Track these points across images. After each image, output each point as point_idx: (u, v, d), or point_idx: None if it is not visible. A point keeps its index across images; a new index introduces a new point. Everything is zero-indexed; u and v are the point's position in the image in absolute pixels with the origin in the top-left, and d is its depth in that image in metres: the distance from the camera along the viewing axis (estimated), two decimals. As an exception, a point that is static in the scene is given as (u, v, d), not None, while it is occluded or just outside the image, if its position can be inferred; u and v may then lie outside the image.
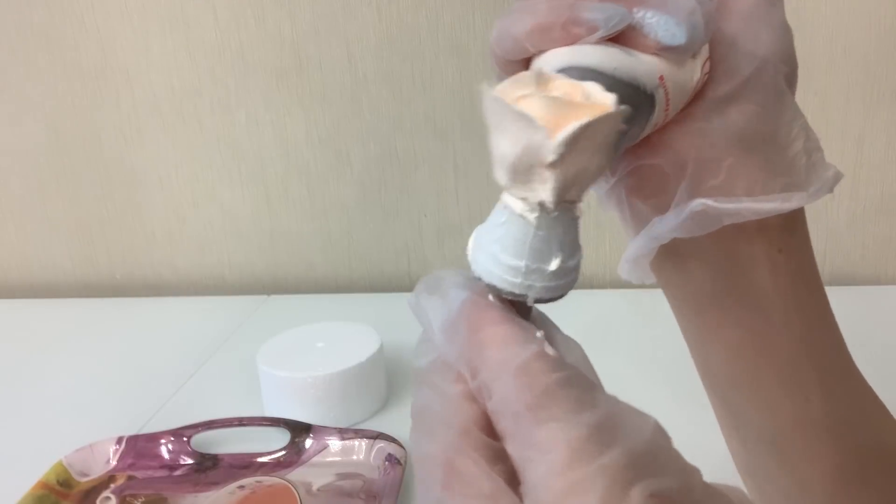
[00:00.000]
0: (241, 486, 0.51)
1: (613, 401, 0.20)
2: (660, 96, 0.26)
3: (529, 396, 0.20)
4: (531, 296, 0.22)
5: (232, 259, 0.98)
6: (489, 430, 0.21)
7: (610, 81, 0.24)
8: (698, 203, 0.28)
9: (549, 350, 0.21)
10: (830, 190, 0.29)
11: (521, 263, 0.21)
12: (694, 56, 0.27)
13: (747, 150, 0.28)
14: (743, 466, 0.36)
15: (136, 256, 1.00)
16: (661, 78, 0.26)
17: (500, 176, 0.22)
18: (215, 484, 0.56)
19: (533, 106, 0.20)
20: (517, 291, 0.22)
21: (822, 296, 0.33)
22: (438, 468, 0.20)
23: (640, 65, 0.25)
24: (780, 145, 0.29)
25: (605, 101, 0.21)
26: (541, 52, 0.26)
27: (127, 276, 1.01)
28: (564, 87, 0.22)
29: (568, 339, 0.24)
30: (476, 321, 0.22)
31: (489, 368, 0.21)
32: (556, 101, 0.20)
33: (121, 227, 0.99)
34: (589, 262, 0.92)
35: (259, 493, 0.51)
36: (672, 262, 0.32)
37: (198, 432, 0.61)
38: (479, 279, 0.23)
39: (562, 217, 0.22)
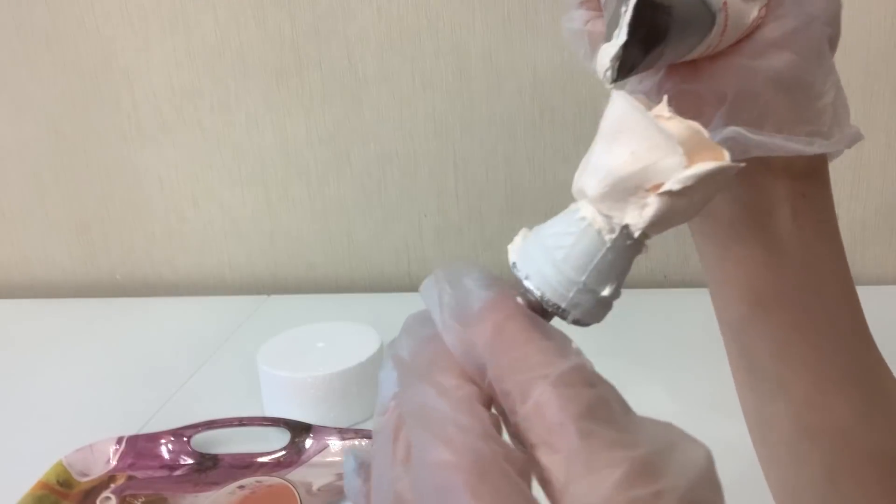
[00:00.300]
0: (241, 486, 0.51)
1: (652, 423, 0.20)
2: (720, 19, 0.28)
3: (574, 408, 0.19)
4: (573, 314, 0.21)
5: (232, 259, 0.98)
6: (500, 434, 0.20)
7: None
8: (731, 130, 0.30)
9: (588, 364, 0.20)
10: (849, 145, 0.32)
11: (581, 279, 0.21)
12: None
13: (782, 94, 0.30)
14: (751, 413, 0.37)
15: (136, 256, 1.00)
16: (725, 3, 0.28)
17: (595, 185, 0.21)
18: (215, 484, 0.56)
19: (675, 128, 0.20)
20: (563, 305, 0.21)
21: (840, 255, 0.34)
22: (462, 475, 0.19)
23: None
24: (811, 96, 0.31)
25: (724, 153, 0.21)
26: None
27: (127, 275, 1.01)
28: (685, 126, 0.21)
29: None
30: (504, 322, 0.21)
31: (523, 374, 0.20)
32: (699, 135, 0.20)
33: (121, 227, 0.99)
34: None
35: (259, 493, 0.51)
36: None
37: (198, 432, 0.61)
38: (522, 277, 0.22)
39: (634, 247, 0.21)
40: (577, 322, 0.22)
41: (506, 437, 0.21)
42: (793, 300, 0.33)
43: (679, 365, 0.68)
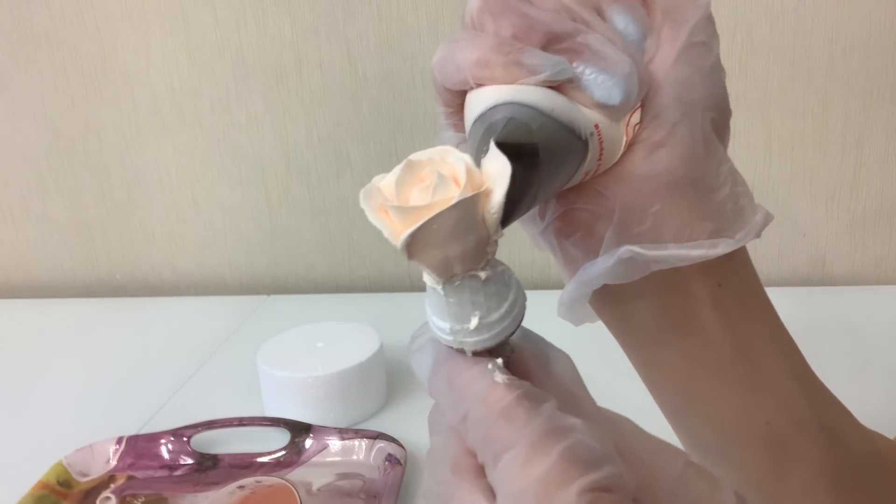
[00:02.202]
0: (241, 486, 0.51)
1: (551, 409, 0.22)
2: (593, 144, 0.27)
3: (483, 429, 0.22)
4: (467, 349, 0.24)
5: (232, 259, 0.98)
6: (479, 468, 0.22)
7: (547, 120, 0.25)
8: (626, 250, 0.28)
9: (499, 378, 0.22)
10: (758, 234, 0.30)
11: (447, 325, 0.23)
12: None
13: (674, 196, 0.28)
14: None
15: (136, 256, 1.00)
16: (597, 126, 0.27)
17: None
18: (215, 484, 0.56)
19: (388, 216, 0.22)
20: (454, 346, 0.24)
21: (771, 318, 0.33)
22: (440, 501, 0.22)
23: (578, 111, 0.26)
24: (707, 190, 0.29)
25: (477, 180, 0.22)
26: (479, 85, 0.27)
27: (127, 276, 1.01)
28: (448, 167, 0.22)
29: (557, 351, 0.25)
30: (448, 368, 0.24)
31: (459, 409, 0.23)
32: (403, 210, 0.22)
33: (121, 227, 0.99)
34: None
35: (259, 493, 0.51)
36: (612, 302, 0.33)
37: (198, 432, 0.61)
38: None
39: (466, 283, 0.23)
40: (478, 352, 0.24)
41: None
42: (730, 382, 0.32)
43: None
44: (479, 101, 0.26)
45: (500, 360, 0.23)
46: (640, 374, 0.35)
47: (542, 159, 0.24)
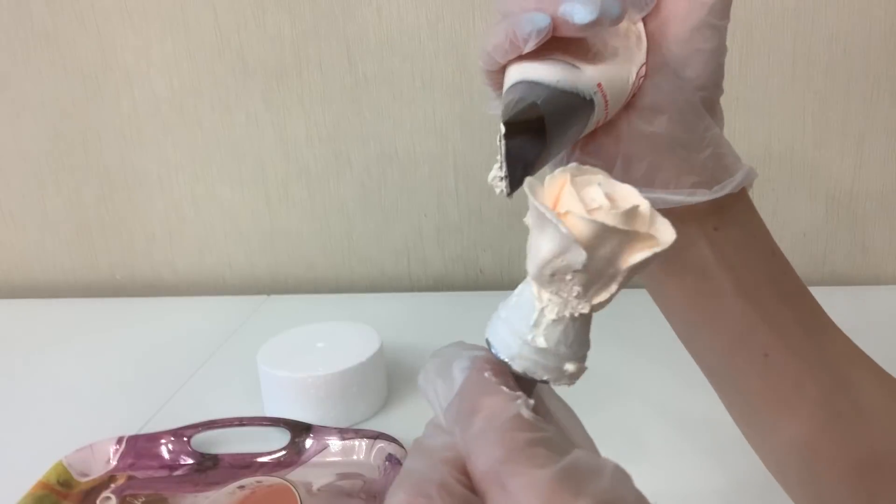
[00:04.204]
0: (242, 486, 0.51)
1: (579, 453, 0.21)
2: (598, 100, 0.32)
3: (501, 453, 0.21)
4: (541, 376, 0.24)
5: (232, 259, 0.99)
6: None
7: (553, 92, 0.30)
8: None
9: (526, 413, 0.22)
10: (735, 189, 0.35)
11: (529, 338, 0.24)
12: (632, 62, 0.33)
13: (665, 152, 0.34)
14: (748, 435, 0.40)
15: (136, 256, 1.00)
16: (600, 85, 0.31)
17: (529, 267, 0.24)
18: (215, 484, 0.56)
19: (582, 225, 0.22)
20: (507, 360, 0.24)
21: (775, 263, 0.37)
22: None
23: (580, 74, 0.31)
24: (692, 150, 0.35)
25: (659, 235, 0.23)
26: (509, 63, 0.32)
27: (127, 276, 1.01)
28: (610, 215, 0.23)
29: (563, 404, 0.26)
30: (470, 393, 0.23)
31: (472, 433, 0.22)
32: (631, 215, 0.22)
33: (121, 227, 0.99)
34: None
35: (259, 493, 0.51)
36: None
37: (198, 432, 0.61)
38: (493, 352, 0.25)
39: (581, 319, 0.23)
40: (548, 381, 0.24)
41: None
42: (728, 315, 0.36)
43: (679, 364, 0.68)
44: (507, 79, 0.32)
45: (530, 400, 0.23)
46: (656, 304, 0.40)
47: (548, 127, 0.29)
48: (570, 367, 0.24)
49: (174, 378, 0.74)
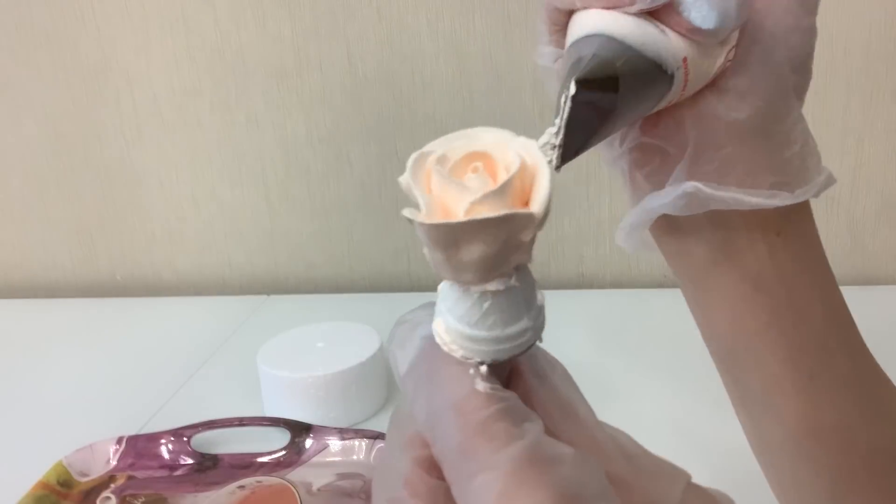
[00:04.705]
0: (241, 486, 0.51)
1: (539, 437, 0.20)
2: (679, 77, 0.27)
3: (458, 439, 0.20)
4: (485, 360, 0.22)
5: (232, 259, 0.98)
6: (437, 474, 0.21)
7: (634, 55, 0.26)
8: (690, 185, 0.29)
9: (481, 385, 0.21)
10: (817, 194, 0.31)
11: (466, 329, 0.21)
12: (722, 43, 0.28)
13: (746, 143, 0.30)
14: (747, 429, 0.37)
15: (136, 257, 1.00)
16: (685, 60, 0.27)
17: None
18: (215, 484, 0.56)
19: (430, 191, 0.21)
20: (449, 349, 0.22)
21: (828, 282, 0.33)
22: None
23: (668, 44, 0.26)
24: (777, 144, 0.30)
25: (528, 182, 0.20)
26: (585, 8, 0.27)
27: (127, 276, 1.01)
28: (508, 156, 0.21)
29: (552, 358, 0.24)
30: (425, 364, 0.22)
31: (429, 414, 0.21)
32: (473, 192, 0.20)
33: (121, 227, 0.99)
34: (589, 261, 0.92)
35: (259, 493, 0.51)
36: (672, 235, 0.34)
37: (198, 432, 0.61)
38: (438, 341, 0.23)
39: (492, 290, 0.21)
40: (483, 362, 0.22)
41: None
42: (778, 332, 0.32)
43: (679, 365, 0.68)
44: (579, 26, 0.27)
45: (483, 367, 0.21)
46: (692, 312, 0.35)
47: (621, 95, 0.25)
48: (498, 346, 0.21)
49: (174, 378, 0.74)
